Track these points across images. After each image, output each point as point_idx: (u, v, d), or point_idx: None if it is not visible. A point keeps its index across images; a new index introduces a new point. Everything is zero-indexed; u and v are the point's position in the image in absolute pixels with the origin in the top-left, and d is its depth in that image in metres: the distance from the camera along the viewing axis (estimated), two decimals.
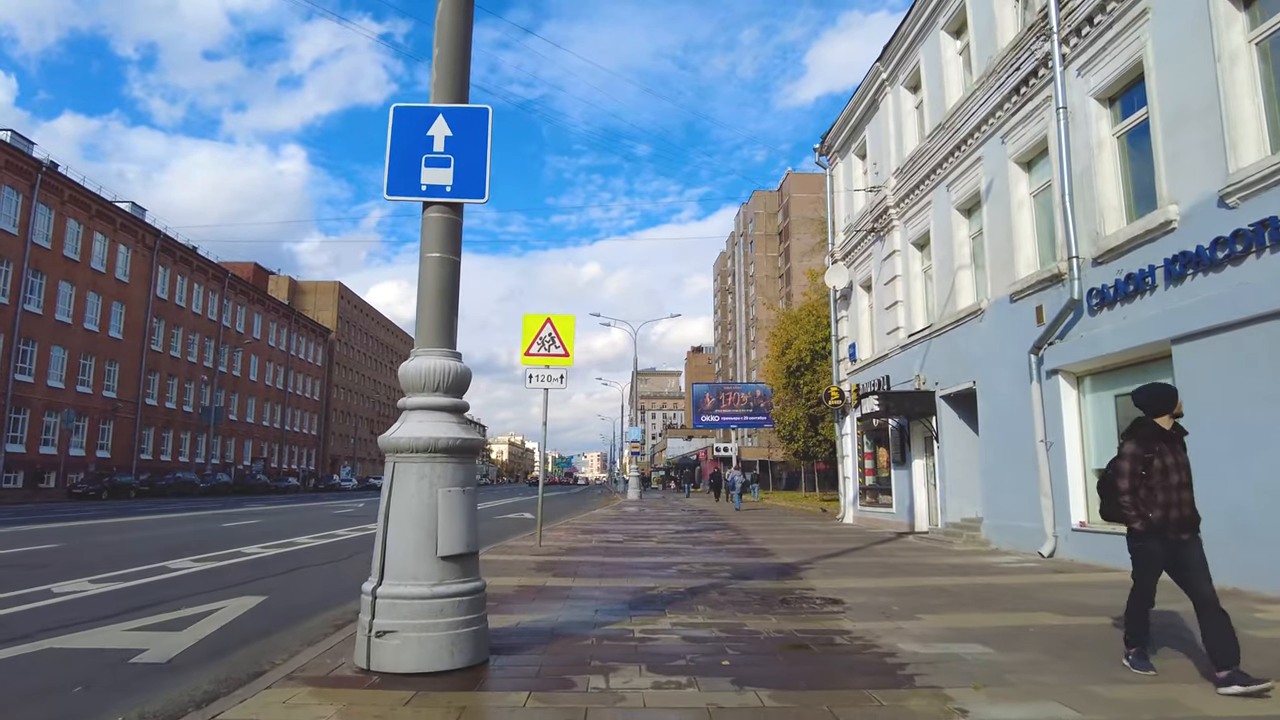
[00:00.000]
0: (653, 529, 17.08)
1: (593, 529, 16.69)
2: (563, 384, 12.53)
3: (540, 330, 12.63)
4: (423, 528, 4.49)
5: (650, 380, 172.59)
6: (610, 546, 12.47)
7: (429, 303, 4.90)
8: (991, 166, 12.76)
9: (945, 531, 13.63)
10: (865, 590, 7.82)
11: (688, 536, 14.92)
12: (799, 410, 29.29)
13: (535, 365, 12.62)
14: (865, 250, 18.88)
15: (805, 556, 11.11)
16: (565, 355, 12.60)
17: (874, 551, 12.11)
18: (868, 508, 18.72)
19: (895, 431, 16.58)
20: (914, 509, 15.77)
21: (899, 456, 16.45)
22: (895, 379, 16.54)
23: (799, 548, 12.70)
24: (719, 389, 60.99)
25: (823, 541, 13.95)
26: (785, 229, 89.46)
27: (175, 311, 55.77)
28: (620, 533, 15.72)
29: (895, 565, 10.15)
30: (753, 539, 14.43)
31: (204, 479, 51.23)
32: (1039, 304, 11.14)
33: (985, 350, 12.79)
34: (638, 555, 11.19)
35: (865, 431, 19.13)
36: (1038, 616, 6.34)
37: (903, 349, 16.36)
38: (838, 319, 20.73)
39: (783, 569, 9.64)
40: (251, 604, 7.17)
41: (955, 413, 14.38)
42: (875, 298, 18.28)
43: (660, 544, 13.17)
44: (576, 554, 11.23)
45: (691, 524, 19.04)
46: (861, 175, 19.74)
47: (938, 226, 14.87)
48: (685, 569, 9.47)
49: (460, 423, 4.77)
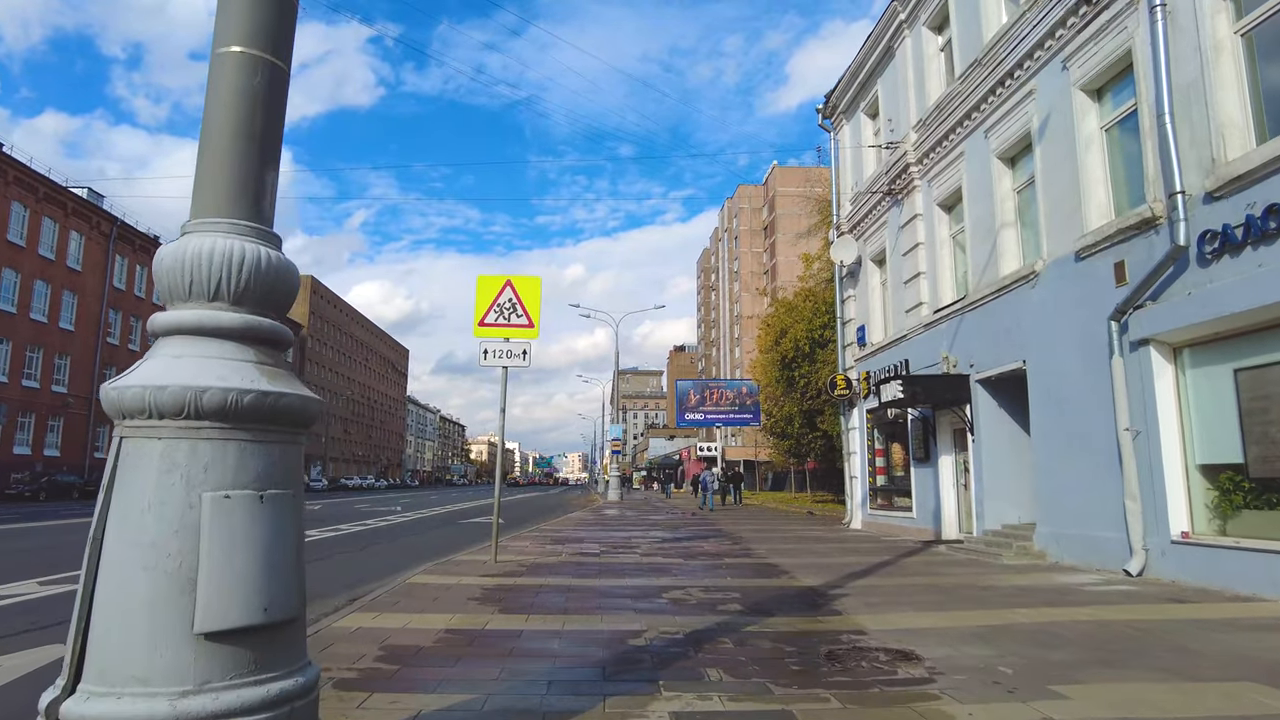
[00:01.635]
0: (635, 536, 14.74)
1: (565, 537, 14.33)
2: (525, 361, 10.15)
3: (498, 295, 10.26)
4: (162, 573, 2.11)
5: (631, 380, 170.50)
6: (583, 563, 10.10)
7: (217, 139, 2.48)
8: (1047, 100, 10.53)
9: (985, 541, 11.40)
10: (938, 634, 5.53)
11: (677, 547, 12.59)
12: (793, 405, 27.04)
13: (492, 338, 10.24)
14: (878, 219, 16.65)
15: (829, 576, 8.80)
16: (529, 326, 10.23)
17: (909, 568, 9.84)
18: (880, 511, 16.48)
19: (916, 424, 14.35)
20: (940, 513, 13.53)
21: (921, 453, 14.21)
22: (917, 363, 14.30)
23: (815, 563, 10.40)
24: (704, 386, 58.77)
25: (839, 554, 11.67)
26: (771, 224, 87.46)
27: (134, 303, 52.63)
28: (597, 542, 13.37)
29: (949, 589, 7.86)
30: (755, 550, 12.13)
31: None
32: (1119, 259, 8.91)
33: (1039, 322, 10.56)
34: (617, 575, 8.83)
35: (877, 425, 16.90)
36: (1243, 692, 4.04)
37: (926, 328, 14.13)
38: (844, 299, 18.48)
39: (809, 596, 7.34)
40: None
41: (995, 400, 12.16)
42: (890, 272, 16.05)
43: (645, 558, 10.82)
44: (539, 573, 8.86)
45: (679, 530, 16.72)
46: (872, 136, 17.53)
47: (972, 181, 12.65)
48: (681, 598, 7.13)
49: (262, 363, 2.38)
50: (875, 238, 16.88)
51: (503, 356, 10.12)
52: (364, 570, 10.01)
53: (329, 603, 7.28)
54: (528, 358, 10.13)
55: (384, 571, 9.69)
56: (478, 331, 10.20)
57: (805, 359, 24.99)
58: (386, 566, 10.30)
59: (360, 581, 8.76)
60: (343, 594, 7.87)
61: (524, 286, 10.29)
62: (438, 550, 12.47)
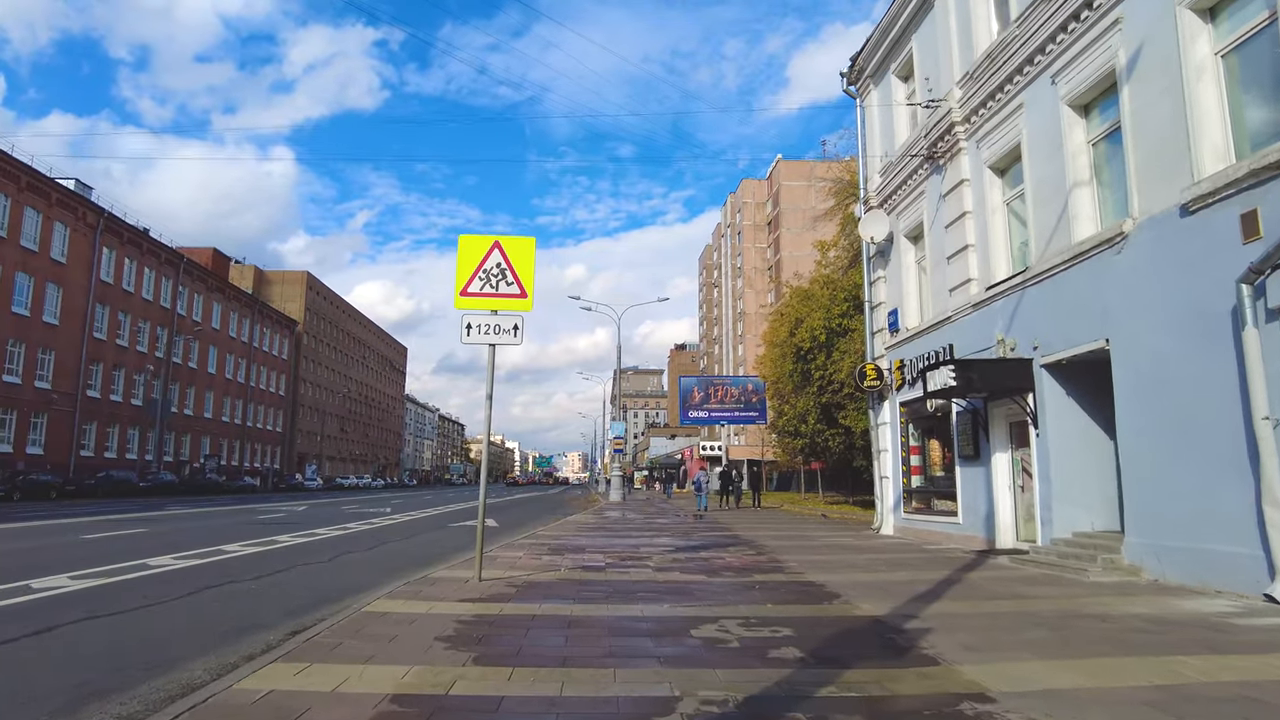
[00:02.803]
0: (643, 544, 13.04)
1: (565, 545, 12.63)
2: (517, 338, 8.44)
3: (484, 259, 8.57)
4: None
5: (631, 379, 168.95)
6: (586, 581, 8.38)
7: None
8: (1138, 29, 8.82)
9: (1058, 553, 9.69)
10: (1097, 702, 3.82)
11: (695, 558, 10.88)
12: (808, 400, 25.30)
13: (476, 310, 8.54)
14: (913, 190, 14.94)
15: (891, 600, 7.10)
16: (521, 295, 8.53)
17: (981, 587, 8.12)
18: (915, 516, 14.77)
19: (964, 417, 12.65)
20: (994, 519, 11.83)
21: (969, 450, 12.50)
22: (964, 348, 12.60)
23: (863, 580, 8.70)
24: (708, 383, 57.03)
25: (886, 567, 9.96)
26: (775, 218, 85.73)
27: (122, 297, 50.91)
28: (601, 551, 11.67)
29: (1055, 620, 6.14)
30: (785, 562, 10.43)
31: (146, 478, 46.57)
32: (1248, 208, 7.20)
33: (1128, 292, 8.86)
34: (628, 599, 7.13)
35: (912, 419, 15.19)
36: None
37: (975, 308, 12.43)
38: (872, 281, 16.76)
39: (881, 633, 5.64)
40: None
41: (1064, 387, 10.46)
42: (929, 248, 14.34)
43: (659, 573, 9.12)
44: (533, 596, 7.16)
45: (692, 537, 15.02)
46: (905, 99, 15.84)
47: (1035, 136, 10.95)
48: (717, 637, 5.41)
49: None
50: (910, 211, 15.17)
51: (490, 332, 8.41)
52: (323, 588, 8.32)
53: (255, 640, 5.58)
54: (519, 334, 8.42)
55: (346, 590, 8.00)
56: (459, 303, 8.50)
57: (822, 350, 23.23)
58: (351, 584, 8.60)
59: (311, 605, 7.07)
60: (281, 624, 6.18)
61: (515, 249, 8.59)
62: (418, 560, 10.78)
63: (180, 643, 5.53)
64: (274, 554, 11.67)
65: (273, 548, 12.60)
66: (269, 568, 9.94)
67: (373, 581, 8.59)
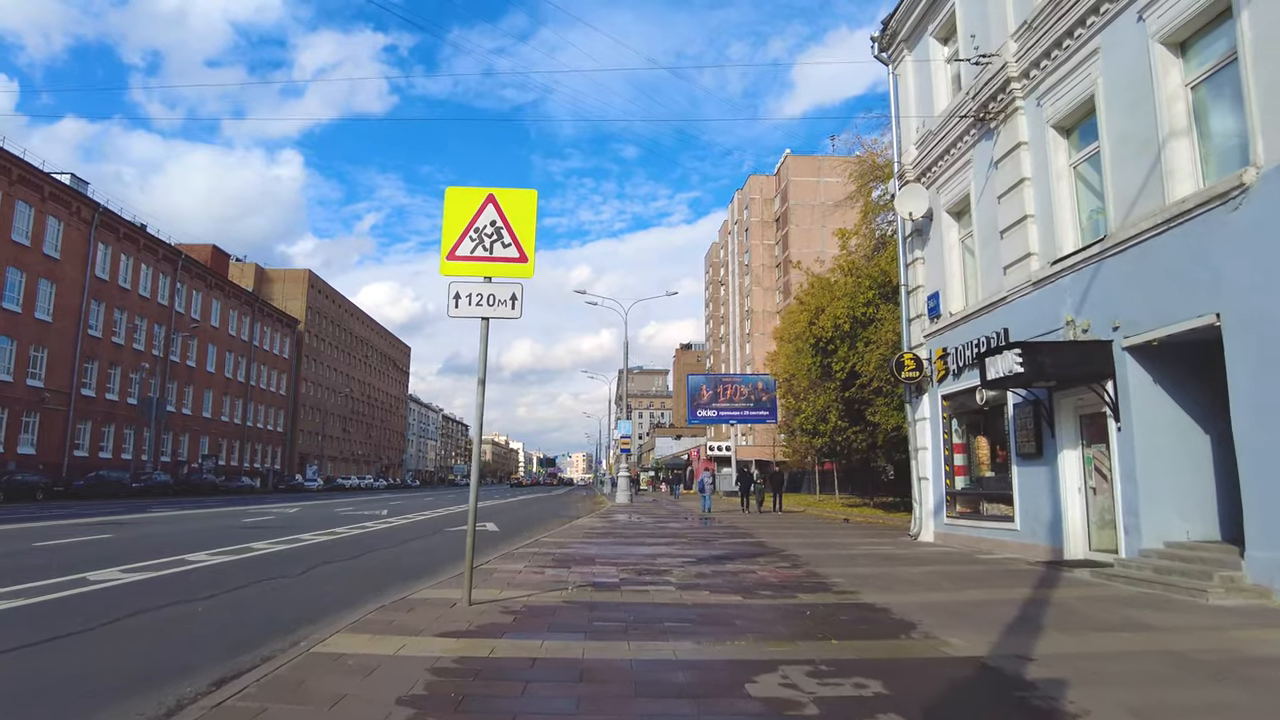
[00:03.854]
0: (660, 553, 11.59)
1: (571, 555, 11.18)
2: (515, 310, 6.99)
3: (475, 216, 7.12)
4: None
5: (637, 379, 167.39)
6: (598, 604, 6.92)
7: None
8: None
9: (1154, 567, 8.20)
10: None
11: (722, 572, 9.42)
12: (828, 395, 23.80)
13: (466, 277, 7.11)
14: (957, 160, 13.46)
15: (981, 631, 5.62)
16: (520, 259, 7.09)
17: (1082, 614, 6.64)
18: (960, 521, 13.28)
19: (1023, 410, 11.17)
20: (1060, 526, 10.34)
21: (1030, 446, 11.01)
22: (1022, 331, 11.10)
23: (930, 601, 7.22)
24: (717, 381, 55.51)
25: (949, 583, 8.49)
26: (783, 215, 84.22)
27: (118, 294, 49.58)
28: (613, 563, 10.21)
29: (1221, 666, 4.67)
30: (828, 577, 8.96)
31: (139, 478, 45.21)
32: None
33: (1250, 256, 7.37)
34: (654, 633, 5.66)
35: (955, 414, 13.71)
36: None
37: (1036, 286, 10.95)
38: (908, 263, 15.27)
39: (1003, 687, 4.15)
40: None
41: (1152, 373, 8.97)
42: (977, 222, 12.85)
43: (686, 593, 7.66)
44: (530, 629, 5.70)
45: (714, 544, 13.56)
46: (944, 63, 14.37)
47: (1114, 85, 9.47)
48: (786, 698, 3.90)
49: None
50: (953, 183, 13.69)
51: (482, 304, 6.96)
52: (281, 613, 6.89)
53: (162, 697, 4.14)
54: (518, 305, 6.97)
55: (307, 616, 6.57)
56: (445, 268, 7.05)
57: (845, 340, 21.69)
58: (316, 607, 7.16)
59: (257, 638, 5.64)
60: (206, 670, 4.74)
61: (513, 204, 7.14)
62: (404, 574, 9.36)
63: (53, 700, 4.10)
64: (242, 565, 10.25)
65: (244, 557, 11.18)
66: (230, 583, 8.53)
67: (344, 602, 7.16)
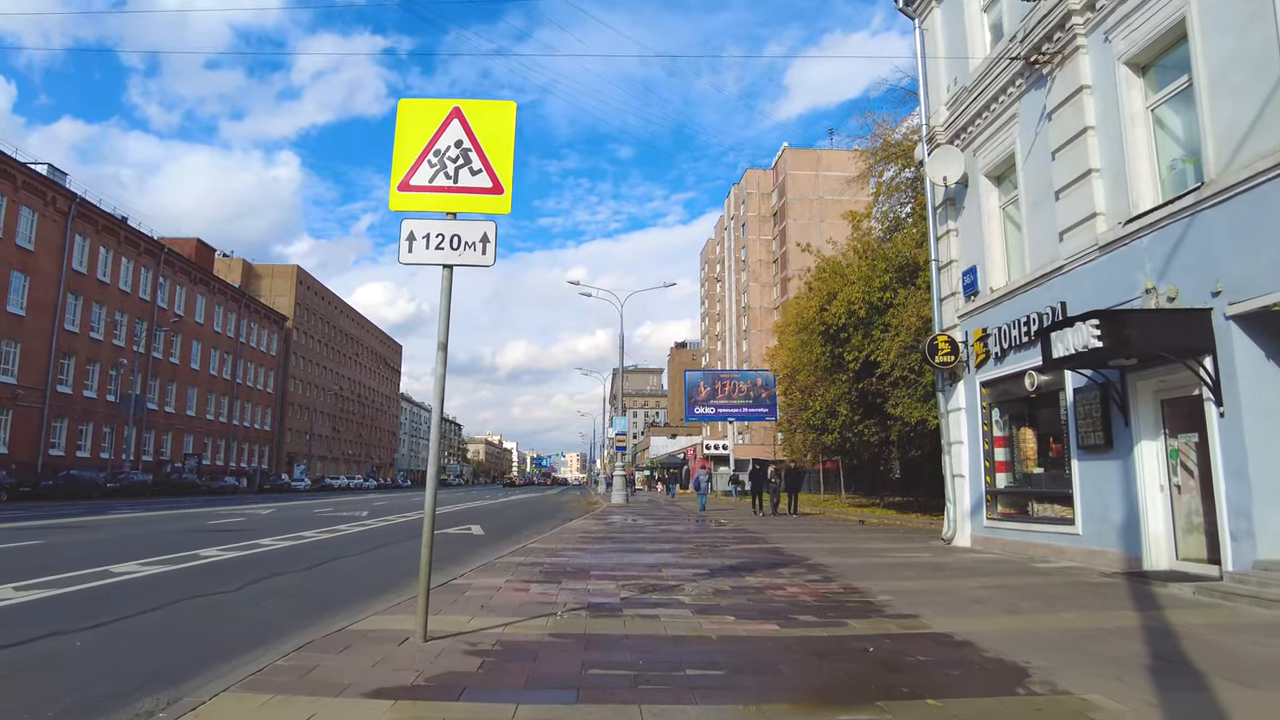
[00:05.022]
0: (664, 562, 10.01)
1: (562, 566, 9.58)
2: (485, 256, 5.37)
3: (438, 134, 5.50)
4: None
5: (631, 378, 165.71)
6: (594, 637, 5.31)
7: None
8: None
9: None
10: None
11: (744, 588, 7.83)
12: (839, 387, 22.22)
13: (423, 213, 5.50)
14: (999, 114, 11.90)
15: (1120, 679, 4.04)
16: (494, 190, 5.47)
17: (1232, 652, 5.03)
18: (1004, 523, 11.72)
19: (1086, 395, 9.62)
20: (1139, 530, 8.78)
21: (1096, 437, 9.46)
22: (1084, 303, 9.50)
23: (1018, 629, 5.64)
24: (715, 377, 53.94)
25: (1027, 602, 6.90)
26: (781, 209, 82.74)
27: (97, 288, 47.77)
28: (612, 575, 8.62)
29: None
30: (870, 592, 7.39)
31: (116, 478, 43.38)
32: None
33: None
34: (674, 688, 4.03)
35: (997, 402, 12.15)
36: None
37: (1104, 250, 9.39)
38: (939, 236, 13.70)
39: None
40: None
41: (1265, 347, 7.43)
42: (1024, 184, 11.29)
43: (704, 616, 6.07)
44: (500, 683, 4.07)
45: (723, 550, 11.97)
46: (979, 12, 12.82)
47: (1213, 3, 7.93)
48: None
49: None
50: (993, 144, 12.14)
51: (444, 246, 5.35)
52: (171, 652, 5.27)
53: None
54: (490, 249, 5.35)
55: (206, 655, 4.96)
56: (396, 201, 5.44)
57: (859, 328, 20.11)
58: (226, 641, 5.54)
59: (111, 699, 4.04)
60: None
61: (485, 119, 5.52)
62: (361, 590, 7.77)
63: None
64: (174, 579, 8.63)
65: (183, 568, 9.57)
66: (141, 604, 6.91)
67: (270, 633, 5.57)
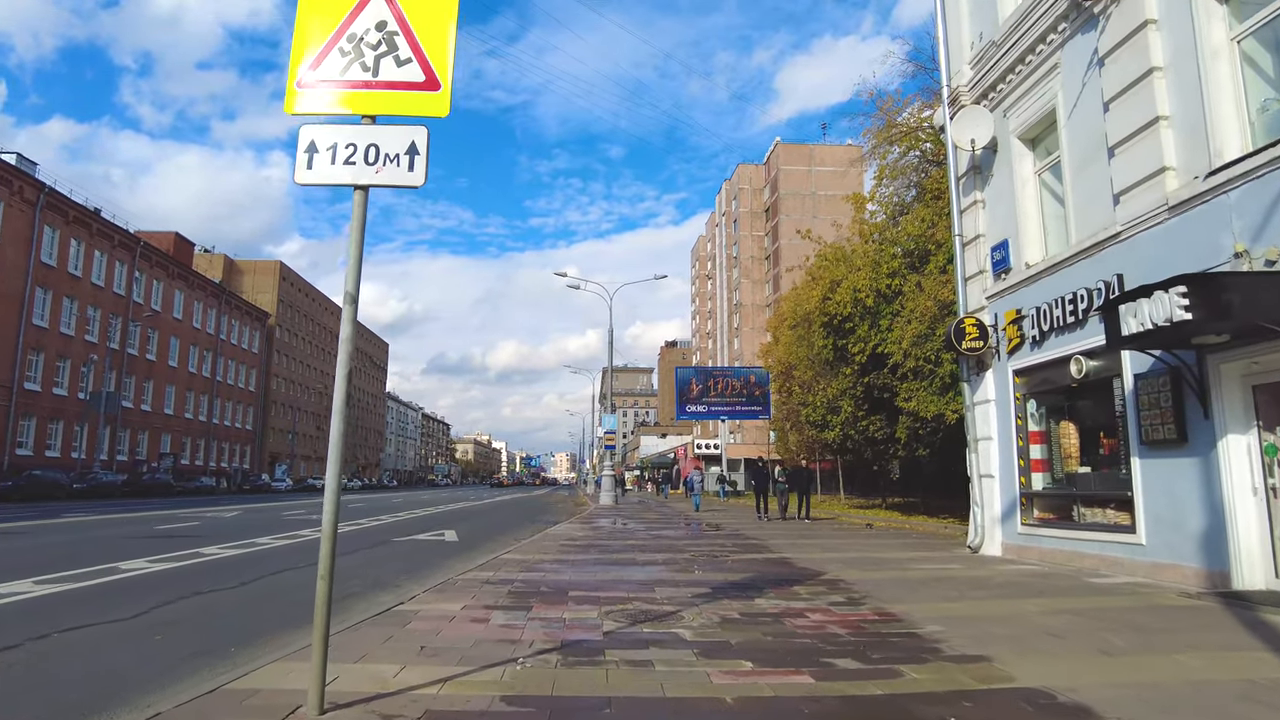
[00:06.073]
0: (658, 578, 8.53)
1: (536, 580, 8.08)
2: (414, 172, 3.84)
3: (355, 11, 3.96)
4: None
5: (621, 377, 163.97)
6: (562, 702, 3.83)
7: None
8: None
9: None
10: None
11: (760, 616, 6.35)
12: (842, 382, 20.80)
13: (333, 114, 3.98)
14: (1036, 67, 10.48)
15: None
16: (428, 86, 3.91)
17: None
18: (1042, 529, 10.30)
19: (1151, 381, 8.21)
20: (1225, 541, 7.37)
21: (1166, 430, 8.04)
22: (1146, 274, 8.01)
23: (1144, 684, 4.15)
24: (707, 375, 52.55)
25: (1118, 636, 5.42)
26: (773, 205, 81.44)
27: (68, 282, 45.90)
28: (594, 598, 7.12)
29: None
30: (914, 621, 5.92)
31: (84, 478, 41.55)
32: None
33: None
34: None
35: (1033, 393, 10.74)
36: None
37: (1174, 211, 7.98)
38: (962, 209, 12.27)
39: None
40: None
41: None
42: (1069, 143, 9.87)
43: (710, 659, 4.57)
44: None
45: (723, 559, 10.50)
46: None
47: None
48: None
49: None
50: (1027, 101, 10.73)
51: (357, 160, 3.84)
52: None
53: None
54: (419, 165, 3.84)
55: None
56: (293, 100, 3.93)
57: (866, 317, 18.68)
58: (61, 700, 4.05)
59: None
60: None
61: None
62: (277, 620, 6.24)
63: None
64: (54, 604, 7.08)
65: (78, 587, 8.00)
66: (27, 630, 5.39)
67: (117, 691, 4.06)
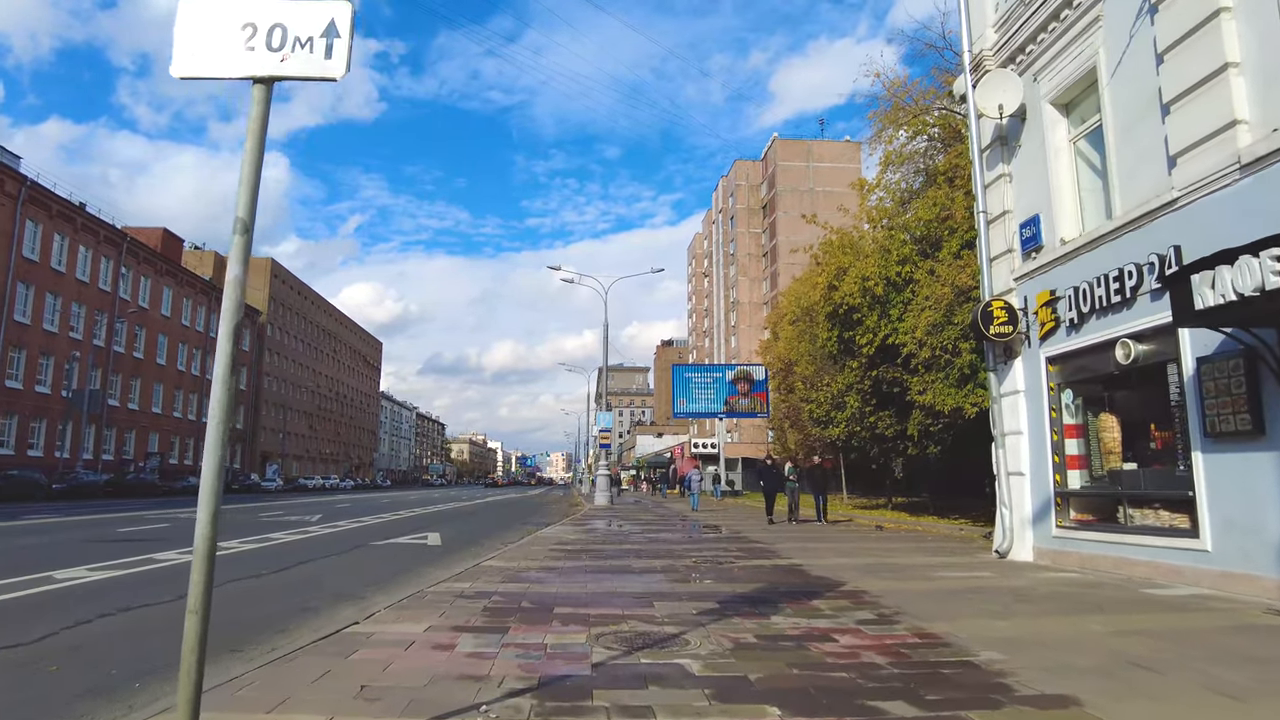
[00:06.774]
0: (657, 590, 7.54)
1: (518, 593, 7.08)
2: (333, 61, 2.82)
3: None
4: None
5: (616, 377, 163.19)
6: None
7: None
8: None
9: None
10: None
11: (775, 637, 5.34)
12: (848, 376, 19.83)
13: None
14: (1072, 24, 9.50)
15: None
16: None
17: None
18: (1080, 532, 9.33)
19: (1221, 365, 7.24)
20: None
21: (1239, 421, 7.06)
22: (1206, 246, 6.95)
23: None
24: (706, 372, 51.58)
25: (1229, 670, 4.41)
26: (770, 201, 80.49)
27: (51, 277, 44.71)
28: (582, 615, 6.12)
29: None
30: (962, 645, 4.93)
31: (65, 478, 40.38)
32: None
33: None
34: None
35: (1068, 382, 9.76)
36: None
37: (1248, 169, 6.97)
38: (986, 185, 11.29)
39: None
40: None
41: None
42: (1112, 105, 8.87)
43: (725, 705, 3.61)
44: None
45: (728, 567, 9.50)
46: None
47: None
48: None
49: None
50: (1061, 63, 9.76)
51: (256, 48, 2.87)
52: None
53: None
54: (338, 51, 2.87)
55: None
56: None
57: (875, 307, 17.67)
58: None
59: None
60: None
61: None
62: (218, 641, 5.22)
63: None
64: None
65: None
66: None
67: None
